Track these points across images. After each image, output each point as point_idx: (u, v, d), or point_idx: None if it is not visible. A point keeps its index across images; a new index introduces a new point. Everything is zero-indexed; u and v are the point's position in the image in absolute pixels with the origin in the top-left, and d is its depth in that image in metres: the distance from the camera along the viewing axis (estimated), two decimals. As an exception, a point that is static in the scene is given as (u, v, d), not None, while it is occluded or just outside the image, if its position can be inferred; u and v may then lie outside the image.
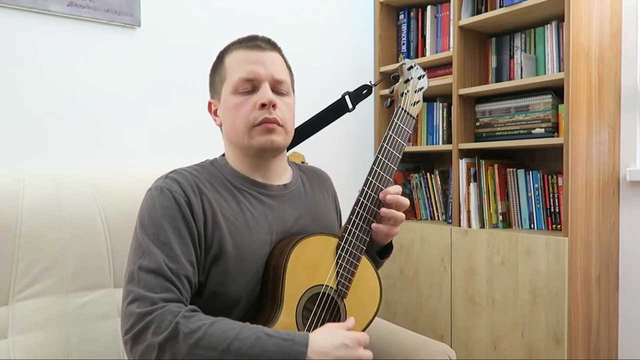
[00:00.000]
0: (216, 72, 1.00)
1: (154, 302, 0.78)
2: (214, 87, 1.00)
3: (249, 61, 0.93)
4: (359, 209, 0.95)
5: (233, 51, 0.97)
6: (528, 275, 1.69)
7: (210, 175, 0.95)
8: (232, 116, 0.94)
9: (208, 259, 0.88)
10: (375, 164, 0.97)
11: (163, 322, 0.76)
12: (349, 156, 2.15)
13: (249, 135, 0.93)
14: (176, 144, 1.65)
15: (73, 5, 1.42)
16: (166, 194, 0.87)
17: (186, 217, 0.86)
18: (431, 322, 2.01)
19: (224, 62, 0.97)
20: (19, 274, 1.07)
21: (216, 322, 0.78)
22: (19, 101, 1.36)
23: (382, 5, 2.22)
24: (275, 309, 0.86)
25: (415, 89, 1.05)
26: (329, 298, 0.91)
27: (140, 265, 0.82)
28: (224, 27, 1.76)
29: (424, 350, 1.13)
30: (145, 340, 0.76)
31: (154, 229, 0.85)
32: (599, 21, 1.71)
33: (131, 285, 0.81)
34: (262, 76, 0.93)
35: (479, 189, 1.88)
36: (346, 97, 1.14)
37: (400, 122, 1.00)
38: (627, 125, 1.80)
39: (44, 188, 1.14)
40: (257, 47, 0.95)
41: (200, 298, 0.88)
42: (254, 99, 0.92)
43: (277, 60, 0.97)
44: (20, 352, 1.03)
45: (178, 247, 0.84)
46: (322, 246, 0.92)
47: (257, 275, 0.91)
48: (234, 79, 0.93)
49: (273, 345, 0.76)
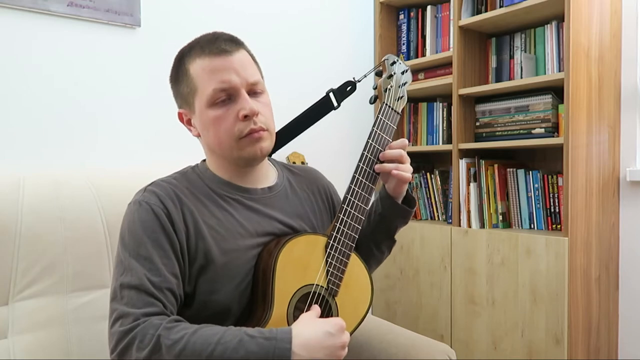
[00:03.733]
0: (181, 82, 0.94)
1: (136, 318, 0.77)
2: (182, 97, 0.95)
3: (218, 69, 0.89)
4: (346, 206, 0.94)
5: (196, 59, 0.90)
6: (528, 275, 1.69)
7: (190, 184, 0.93)
8: (213, 130, 0.91)
9: (194, 270, 0.87)
10: (361, 160, 0.96)
11: (145, 337, 0.75)
12: (349, 156, 2.15)
13: (237, 147, 0.91)
14: (176, 144, 1.65)
15: (73, 5, 1.42)
16: (144, 207, 0.86)
17: (166, 229, 0.85)
18: (431, 322, 2.01)
19: (188, 71, 0.92)
20: (19, 274, 1.07)
21: (198, 330, 0.77)
22: (19, 101, 1.36)
23: (382, 5, 2.22)
24: (266, 310, 0.86)
25: (399, 84, 1.03)
26: (320, 297, 0.91)
27: (122, 283, 0.81)
28: (224, 27, 1.73)
29: (424, 350, 1.13)
30: (130, 357, 0.75)
31: (134, 244, 0.84)
32: (599, 21, 1.71)
33: (114, 302, 0.81)
34: (237, 84, 0.89)
35: (479, 189, 1.88)
36: (330, 94, 1.12)
37: (384, 118, 0.98)
38: (627, 125, 1.80)
39: (44, 188, 1.14)
40: (222, 51, 0.89)
41: (190, 308, 0.87)
42: (234, 110, 0.89)
43: (246, 60, 0.92)
44: (20, 352, 1.03)
45: (159, 260, 0.83)
46: (310, 245, 0.91)
47: (246, 280, 0.90)
48: (207, 91, 0.89)
49: (256, 345, 0.75)
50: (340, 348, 0.81)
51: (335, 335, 0.81)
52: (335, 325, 0.82)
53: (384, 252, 1.09)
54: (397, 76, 1.04)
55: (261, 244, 0.93)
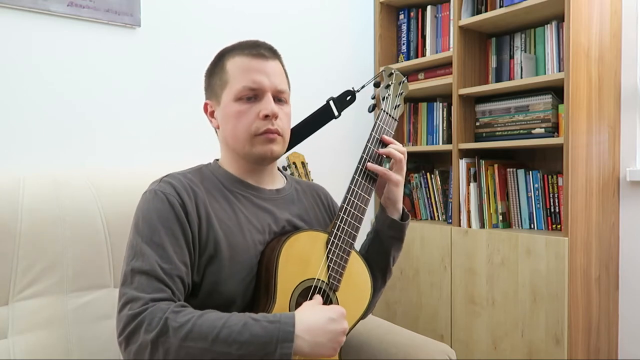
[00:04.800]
0: (215, 74, 1.00)
1: (145, 302, 0.79)
2: (212, 89, 1.01)
3: (253, 70, 0.95)
4: (346, 205, 0.98)
5: (235, 56, 0.97)
6: (528, 275, 1.69)
7: (204, 179, 0.97)
8: (233, 123, 0.96)
9: (203, 260, 0.89)
10: (360, 162, 1.01)
11: (153, 320, 0.77)
12: (348, 157, 2.15)
13: (250, 143, 0.95)
14: (176, 144, 1.65)
15: (73, 5, 1.42)
16: (160, 196, 0.89)
17: (180, 219, 0.87)
18: (431, 322, 2.01)
19: (225, 66, 0.97)
20: (19, 274, 1.07)
21: (204, 314, 0.79)
22: (19, 101, 1.36)
23: (382, 5, 2.22)
24: (269, 303, 0.88)
25: (396, 94, 1.10)
26: (321, 291, 0.93)
27: (133, 267, 0.83)
28: (224, 27, 1.76)
29: (424, 350, 1.14)
30: (138, 339, 0.77)
31: (147, 231, 0.86)
32: (599, 21, 1.71)
33: (124, 287, 0.83)
34: (266, 86, 0.95)
35: (479, 189, 1.88)
36: (330, 102, 1.16)
37: (382, 124, 1.05)
38: (627, 125, 1.80)
39: (44, 188, 1.14)
40: (260, 55, 0.96)
41: (197, 298, 0.89)
42: (257, 108, 0.95)
43: (278, 70, 0.99)
44: (20, 352, 1.03)
45: (171, 248, 0.85)
46: (312, 241, 0.94)
47: (251, 274, 0.93)
48: (237, 87, 0.95)
49: (260, 328, 0.77)
50: (342, 333, 0.84)
51: (337, 320, 0.83)
52: (337, 311, 0.85)
53: (378, 279, 1.07)
54: (394, 86, 1.10)
55: (267, 240, 0.96)
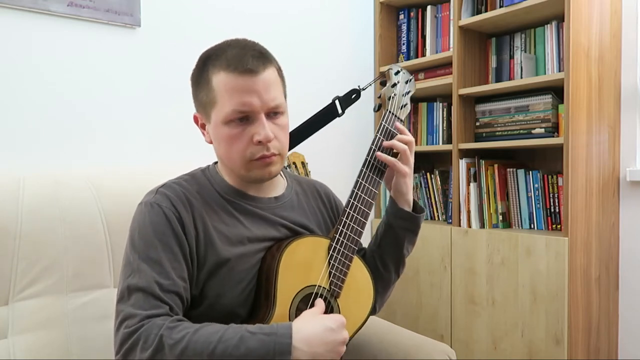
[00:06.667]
0: (201, 87, 0.92)
1: (141, 319, 0.77)
2: (200, 103, 0.93)
3: (241, 90, 0.86)
4: (349, 210, 0.95)
5: (220, 72, 0.88)
6: (528, 275, 1.69)
7: (200, 187, 0.94)
8: (225, 146, 0.91)
9: (202, 274, 0.87)
10: (364, 165, 0.98)
11: (149, 338, 0.75)
12: (349, 157, 2.15)
13: (245, 168, 0.91)
14: (176, 144, 1.65)
15: (73, 5, 1.42)
16: (156, 209, 0.86)
17: (177, 232, 0.85)
18: (431, 322, 2.01)
19: (211, 81, 0.89)
20: (19, 274, 1.07)
21: (200, 329, 0.77)
22: (20, 101, 1.36)
23: (382, 5, 2.22)
24: (269, 310, 0.86)
25: (402, 93, 1.05)
26: (322, 298, 0.91)
27: (129, 284, 0.81)
28: (224, 27, 1.76)
29: (424, 350, 1.13)
30: (134, 357, 0.76)
31: (144, 246, 0.84)
32: (599, 21, 1.71)
33: (121, 304, 0.81)
34: (257, 108, 0.87)
35: (479, 189, 1.88)
36: (336, 101, 1.15)
37: (387, 125, 1.00)
38: (627, 125, 1.80)
39: (44, 188, 1.14)
40: (247, 72, 0.86)
41: (198, 310, 0.88)
42: (250, 132, 0.88)
43: (270, 80, 0.89)
44: (20, 352, 1.03)
45: (168, 264, 0.83)
46: (313, 247, 0.92)
47: (252, 284, 0.91)
48: (226, 109, 0.87)
49: (257, 341, 0.75)
50: (341, 343, 0.82)
51: (336, 330, 0.81)
52: (336, 320, 0.82)
53: (390, 271, 1.07)
54: (400, 85, 1.05)
55: (267, 248, 0.94)
